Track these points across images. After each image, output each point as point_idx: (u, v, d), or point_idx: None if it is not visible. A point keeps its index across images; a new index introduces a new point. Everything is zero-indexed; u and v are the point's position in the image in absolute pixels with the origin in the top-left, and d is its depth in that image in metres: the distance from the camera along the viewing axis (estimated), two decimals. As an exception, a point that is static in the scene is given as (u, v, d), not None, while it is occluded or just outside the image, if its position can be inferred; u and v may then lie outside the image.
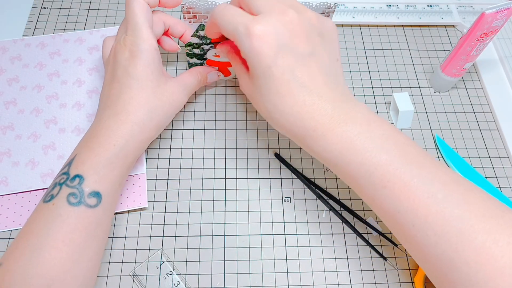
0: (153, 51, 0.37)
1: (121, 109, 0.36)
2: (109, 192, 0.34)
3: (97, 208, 0.33)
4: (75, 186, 0.32)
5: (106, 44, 0.41)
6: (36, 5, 0.54)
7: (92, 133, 0.35)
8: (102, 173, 0.34)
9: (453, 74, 0.48)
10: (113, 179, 0.34)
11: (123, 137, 0.35)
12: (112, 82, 0.37)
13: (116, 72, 0.37)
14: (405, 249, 0.40)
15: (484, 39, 0.43)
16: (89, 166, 0.33)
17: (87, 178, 0.33)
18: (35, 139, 0.44)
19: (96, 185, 0.33)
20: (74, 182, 0.33)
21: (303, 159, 0.45)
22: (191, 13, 0.40)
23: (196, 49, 0.43)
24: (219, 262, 0.39)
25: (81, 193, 0.32)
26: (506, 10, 0.41)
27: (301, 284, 0.39)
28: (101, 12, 0.54)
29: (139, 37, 0.36)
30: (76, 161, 0.34)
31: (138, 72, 0.36)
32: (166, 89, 0.38)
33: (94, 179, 0.33)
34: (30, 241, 0.31)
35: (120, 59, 0.37)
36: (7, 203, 0.41)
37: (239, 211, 0.42)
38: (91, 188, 0.33)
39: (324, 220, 0.42)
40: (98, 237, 0.34)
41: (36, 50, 0.49)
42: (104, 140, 0.34)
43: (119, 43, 0.37)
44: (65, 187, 0.32)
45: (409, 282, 0.39)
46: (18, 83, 0.47)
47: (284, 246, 0.40)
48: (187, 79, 0.41)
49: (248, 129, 0.47)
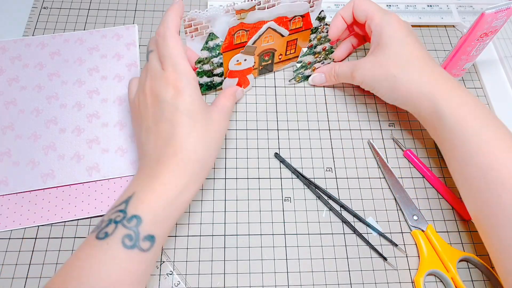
0: (196, 84, 0.36)
1: (179, 148, 0.34)
2: (162, 236, 0.33)
3: (149, 252, 0.31)
4: (131, 228, 0.31)
5: (132, 85, 0.39)
6: (36, 5, 0.54)
7: (150, 173, 0.33)
8: (161, 216, 0.32)
9: (453, 74, 0.48)
10: (170, 222, 0.33)
11: (185, 177, 0.33)
12: (159, 122, 0.35)
13: (163, 112, 0.34)
14: (405, 249, 0.40)
15: (484, 39, 0.43)
16: (148, 207, 0.32)
17: (145, 220, 0.31)
18: (35, 139, 0.44)
19: (153, 228, 0.32)
20: (131, 223, 0.31)
21: (303, 159, 0.45)
22: (192, 26, 0.39)
23: (206, 64, 0.43)
24: (219, 262, 0.39)
25: (137, 236, 0.31)
26: (506, 10, 0.41)
27: (301, 284, 0.39)
28: (101, 12, 0.54)
29: (181, 72, 0.35)
30: (134, 200, 0.32)
31: (188, 107, 0.34)
32: (213, 119, 0.36)
33: (152, 222, 0.31)
34: (81, 279, 0.30)
35: (165, 98, 0.34)
36: (7, 203, 0.41)
37: (239, 211, 0.42)
38: (147, 231, 0.31)
39: (324, 220, 0.42)
40: (143, 281, 0.32)
41: (36, 50, 0.49)
42: (165, 180, 0.33)
43: (157, 81, 0.35)
44: (121, 226, 0.31)
45: (409, 282, 0.39)
46: (18, 83, 0.47)
47: (284, 246, 0.40)
48: (225, 103, 0.39)
49: (248, 129, 0.47)
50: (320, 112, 0.48)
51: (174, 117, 0.34)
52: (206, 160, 0.35)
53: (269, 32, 0.44)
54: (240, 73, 0.45)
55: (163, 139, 0.34)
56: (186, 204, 0.34)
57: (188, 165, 0.34)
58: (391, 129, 0.48)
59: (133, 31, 0.52)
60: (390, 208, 0.43)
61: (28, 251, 0.39)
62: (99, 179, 0.42)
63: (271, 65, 0.49)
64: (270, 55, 0.47)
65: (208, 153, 0.35)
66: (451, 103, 0.38)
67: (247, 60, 0.43)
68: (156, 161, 0.34)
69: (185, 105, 0.34)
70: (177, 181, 0.33)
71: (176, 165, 0.33)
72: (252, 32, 0.42)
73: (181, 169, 0.33)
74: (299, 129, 0.47)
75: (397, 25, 0.42)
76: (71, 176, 0.42)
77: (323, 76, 0.49)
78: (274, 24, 0.43)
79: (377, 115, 0.49)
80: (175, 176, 0.33)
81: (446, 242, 0.40)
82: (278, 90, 0.49)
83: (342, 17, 0.46)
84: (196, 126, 0.35)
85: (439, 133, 0.40)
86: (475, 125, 0.37)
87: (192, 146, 0.34)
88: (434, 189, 0.44)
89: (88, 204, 0.41)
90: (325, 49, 0.47)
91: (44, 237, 0.40)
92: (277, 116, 0.48)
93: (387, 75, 0.41)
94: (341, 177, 0.44)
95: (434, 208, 0.43)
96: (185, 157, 0.34)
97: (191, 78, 0.35)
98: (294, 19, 0.44)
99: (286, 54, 0.49)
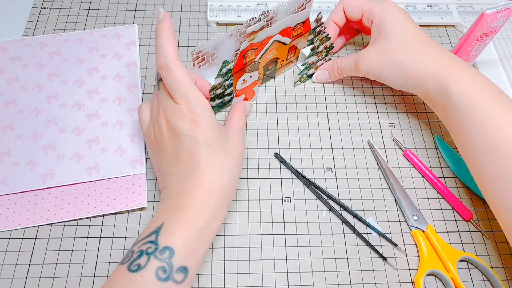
0: (210, 111, 0.35)
1: (203, 178, 0.34)
2: (195, 267, 0.32)
3: (182, 284, 0.31)
4: (165, 260, 0.30)
5: (144, 113, 0.38)
6: (36, 5, 0.54)
7: (177, 204, 0.33)
8: (193, 247, 0.32)
9: (453, 74, 0.48)
10: (201, 253, 0.33)
11: (211, 207, 0.33)
12: (179, 154, 0.34)
13: (183, 144, 0.34)
14: (405, 249, 0.40)
15: (484, 39, 0.43)
16: (180, 239, 0.31)
17: (178, 251, 0.31)
18: (35, 139, 0.44)
19: (185, 259, 0.31)
20: (164, 254, 0.31)
21: (303, 159, 0.45)
22: (200, 57, 0.40)
23: (219, 89, 0.43)
24: (219, 262, 0.39)
25: (170, 268, 0.30)
26: (506, 10, 0.41)
27: (301, 284, 0.39)
28: (101, 12, 0.54)
29: (194, 103, 0.34)
30: (165, 231, 0.32)
31: (207, 137, 0.34)
32: (230, 143, 0.36)
33: (184, 253, 0.31)
34: None
35: (182, 130, 0.34)
36: (7, 203, 0.41)
37: (239, 211, 0.42)
38: (180, 262, 0.31)
39: (324, 220, 0.42)
40: None
41: (36, 50, 0.49)
42: (194, 211, 0.33)
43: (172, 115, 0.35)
44: (153, 258, 0.30)
45: (409, 282, 0.39)
46: (18, 83, 0.47)
47: (284, 246, 0.40)
48: (239, 123, 0.39)
49: (248, 129, 0.47)
50: (320, 112, 0.48)
51: (194, 148, 0.34)
52: (229, 187, 0.35)
53: (274, 45, 0.44)
54: (246, 89, 0.45)
55: (186, 170, 0.34)
56: (214, 233, 0.34)
57: (213, 194, 0.34)
58: (391, 129, 0.48)
59: (133, 31, 0.52)
60: (390, 208, 0.43)
61: (28, 251, 0.39)
62: (99, 179, 0.42)
63: (273, 72, 0.49)
64: (273, 64, 0.48)
65: (231, 179, 0.35)
66: (459, 81, 0.38)
67: (252, 77, 0.43)
68: (181, 192, 0.34)
69: (204, 136, 0.34)
70: (204, 211, 0.33)
71: (201, 196, 0.33)
72: (260, 49, 0.43)
73: (207, 199, 0.33)
74: (299, 129, 0.47)
75: (396, 11, 0.43)
76: (71, 176, 0.42)
77: (326, 73, 0.49)
78: (279, 37, 0.43)
79: (377, 115, 0.49)
80: (202, 206, 0.33)
81: (446, 242, 0.40)
82: (278, 90, 0.49)
83: (334, 22, 0.47)
84: (217, 155, 0.35)
85: (448, 112, 0.40)
86: (482, 100, 0.37)
87: (216, 176, 0.34)
88: (434, 189, 0.44)
89: (87, 204, 0.41)
90: (326, 47, 0.47)
91: (44, 237, 0.40)
92: (277, 116, 0.48)
93: (393, 61, 0.42)
94: (341, 177, 0.44)
95: (434, 208, 0.43)
96: (209, 187, 0.34)
97: (205, 107, 0.35)
98: (296, 26, 0.44)
99: (287, 59, 0.49)
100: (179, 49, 0.52)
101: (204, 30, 0.54)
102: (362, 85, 0.50)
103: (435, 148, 0.47)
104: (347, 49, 0.54)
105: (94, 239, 0.40)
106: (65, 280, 0.38)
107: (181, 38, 0.53)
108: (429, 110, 0.49)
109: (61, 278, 0.38)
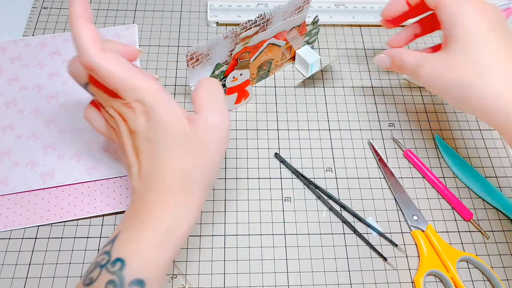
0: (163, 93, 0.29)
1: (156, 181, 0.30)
2: (155, 279, 0.28)
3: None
4: (115, 272, 0.27)
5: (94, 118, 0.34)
6: (36, 5, 0.54)
7: (134, 209, 0.30)
8: (150, 257, 0.28)
9: (453, 74, 0.48)
10: (160, 264, 0.28)
11: (171, 212, 0.29)
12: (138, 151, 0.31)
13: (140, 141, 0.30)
14: (405, 249, 0.40)
15: (484, 39, 0.43)
16: (133, 249, 0.28)
17: (130, 263, 0.27)
18: (35, 139, 0.44)
19: (141, 271, 0.28)
20: (115, 266, 0.27)
21: (303, 159, 0.45)
22: (194, 58, 0.40)
23: None
24: (219, 262, 0.39)
25: (121, 281, 0.27)
26: (506, 10, 0.41)
27: (301, 284, 0.39)
28: (101, 12, 0.54)
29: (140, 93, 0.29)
30: (119, 240, 0.29)
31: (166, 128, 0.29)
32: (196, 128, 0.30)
33: (138, 265, 0.28)
34: None
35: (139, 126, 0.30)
36: (7, 203, 0.41)
37: (239, 211, 0.42)
38: (134, 275, 0.27)
39: (324, 220, 0.42)
40: None
41: (36, 50, 0.49)
42: (150, 216, 0.29)
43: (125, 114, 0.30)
44: (105, 271, 0.27)
45: (409, 282, 0.39)
46: (18, 83, 0.47)
47: (284, 246, 0.40)
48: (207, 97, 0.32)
49: (248, 129, 0.47)
50: (320, 112, 0.48)
51: (152, 143, 0.30)
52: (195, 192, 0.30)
53: (268, 47, 0.44)
54: (238, 88, 0.45)
55: (144, 170, 0.30)
56: (182, 238, 0.30)
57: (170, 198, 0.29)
58: (391, 129, 0.48)
59: (133, 31, 0.52)
60: (390, 208, 0.43)
61: (28, 251, 0.39)
62: (99, 179, 0.42)
63: (267, 73, 0.49)
64: (268, 65, 0.48)
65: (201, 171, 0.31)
66: None
67: (243, 75, 0.43)
68: (139, 195, 0.30)
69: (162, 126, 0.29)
70: (163, 215, 0.29)
71: (158, 199, 0.29)
72: (254, 51, 0.43)
73: (164, 203, 0.29)
74: (299, 129, 0.47)
75: (478, 16, 0.33)
76: (71, 175, 0.42)
77: (388, 60, 0.41)
78: (273, 40, 0.43)
79: (377, 115, 0.49)
80: (160, 210, 0.29)
81: (446, 242, 0.40)
82: (278, 90, 0.50)
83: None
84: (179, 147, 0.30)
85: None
86: None
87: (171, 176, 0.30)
88: (434, 189, 0.44)
89: (87, 203, 0.41)
90: None
91: (44, 237, 0.40)
92: (277, 116, 0.48)
93: (460, 83, 0.34)
94: (341, 177, 0.44)
95: (434, 208, 0.43)
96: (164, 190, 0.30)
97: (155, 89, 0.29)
98: (292, 30, 0.44)
99: (281, 60, 0.49)
100: (179, 50, 0.52)
101: (204, 30, 0.54)
102: (362, 85, 0.50)
103: (435, 148, 0.47)
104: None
105: (94, 239, 0.40)
106: (65, 280, 0.38)
107: (181, 38, 0.53)
108: (429, 110, 0.49)
109: (61, 278, 0.38)
